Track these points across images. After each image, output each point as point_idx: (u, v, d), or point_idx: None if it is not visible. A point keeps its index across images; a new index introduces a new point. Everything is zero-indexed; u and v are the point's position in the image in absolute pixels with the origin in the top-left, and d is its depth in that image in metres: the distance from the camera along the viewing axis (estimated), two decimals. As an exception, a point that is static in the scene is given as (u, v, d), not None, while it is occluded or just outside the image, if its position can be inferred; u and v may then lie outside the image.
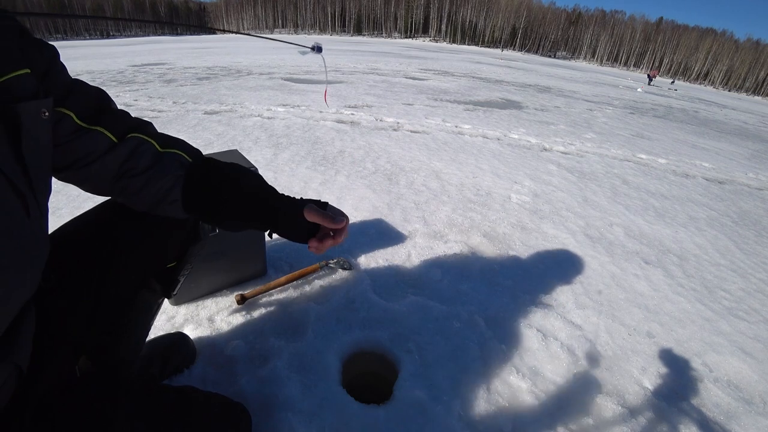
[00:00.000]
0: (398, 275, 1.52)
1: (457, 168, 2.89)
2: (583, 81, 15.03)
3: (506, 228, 2.02)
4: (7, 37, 0.49)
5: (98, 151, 0.60)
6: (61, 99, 0.56)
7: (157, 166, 0.63)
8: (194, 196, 0.65)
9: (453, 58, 19.26)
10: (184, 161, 0.66)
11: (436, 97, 6.18)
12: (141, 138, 0.63)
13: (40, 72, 0.53)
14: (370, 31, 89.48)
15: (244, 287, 1.34)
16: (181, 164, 0.65)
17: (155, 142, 0.64)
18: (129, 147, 0.61)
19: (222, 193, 0.66)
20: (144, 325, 0.83)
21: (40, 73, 0.53)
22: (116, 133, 0.61)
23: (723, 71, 76.11)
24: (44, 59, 0.54)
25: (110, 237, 0.69)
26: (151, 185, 0.63)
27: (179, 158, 0.65)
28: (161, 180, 0.63)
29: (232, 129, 3.45)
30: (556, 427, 0.97)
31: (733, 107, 15.18)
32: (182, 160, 0.66)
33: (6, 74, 0.46)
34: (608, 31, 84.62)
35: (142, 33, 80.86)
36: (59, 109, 0.56)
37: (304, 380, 1.00)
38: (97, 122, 0.59)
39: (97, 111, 0.60)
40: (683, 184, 3.26)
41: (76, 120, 0.57)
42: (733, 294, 1.71)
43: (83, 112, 0.58)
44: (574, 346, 1.25)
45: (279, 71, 8.04)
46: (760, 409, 1.13)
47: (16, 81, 0.47)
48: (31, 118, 0.47)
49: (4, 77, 0.46)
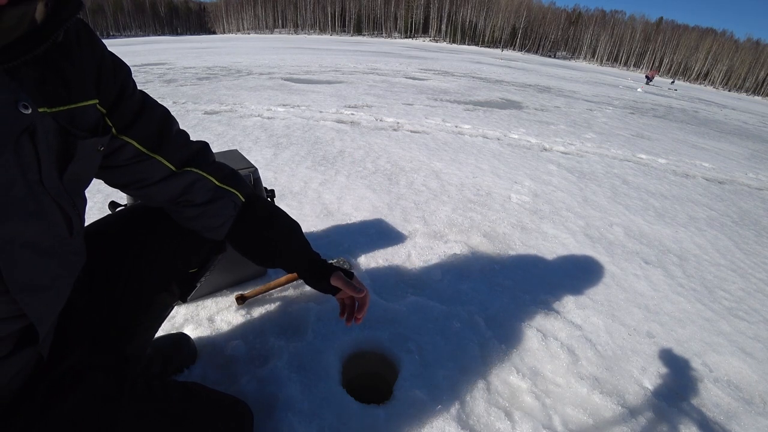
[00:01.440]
0: (398, 275, 1.52)
1: (457, 168, 2.89)
2: (583, 81, 15.03)
3: (506, 228, 2.02)
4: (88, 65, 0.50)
5: (155, 178, 0.63)
6: (127, 126, 0.58)
7: (213, 204, 0.68)
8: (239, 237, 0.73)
9: (453, 58, 19.26)
10: (237, 202, 0.71)
11: (436, 97, 6.18)
12: (199, 174, 0.67)
13: (111, 99, 0.55)
14: (370, 31, 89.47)
15: (244, 287, 1.34)
16: (235, 205, 0.71)
17: (213, 179, 0.68)
18: (186, 181, 0.65)
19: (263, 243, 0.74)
20: (155, 326, 0.85)
21: (111, 99, 0.55)
22: (175, 162, 0.64)
23: (723, 71, 76.09)
24: (117, 83, 0.56)
25: (139, 240, 0.71)
26: (204, 218, 0.69)
27: (234, 199, 0.71)
28: (215, 217, 0.69)
29: (232, 129, 3.45)
30: (556, 427, 0.97)
31: (733, 107, 15.19)
32: (236, 200, 0.71)
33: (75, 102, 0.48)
34: (608, 31, 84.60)
35: (142, 33, 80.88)
36: (123, 137, 0.58)
37: (304, 380, 1.00)
38: (157, 150, 0.62)
39: (159, 138, 0.62)
40: (683, 184, 3.26)
41: (137, 147, 0.59)
42: (733, 294, 1.71)
43: (146, 139, 0.60)
44: (574, 346, 1.25)
45: (279, 71, 8.04)
46: (760, 409, 1.13)
47: (83, 111, 0.49)
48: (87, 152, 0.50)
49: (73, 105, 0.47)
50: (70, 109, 0.47)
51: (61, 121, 0.46)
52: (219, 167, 0.71)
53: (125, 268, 0.69)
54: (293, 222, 0.79)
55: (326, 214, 1.96)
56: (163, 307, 0.81)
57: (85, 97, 0.49)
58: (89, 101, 0.49)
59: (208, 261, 0.84)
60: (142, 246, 0.71)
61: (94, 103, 0.50)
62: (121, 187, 0.64)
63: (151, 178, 0.62)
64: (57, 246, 0.47)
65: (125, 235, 0.72)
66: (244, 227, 0.72)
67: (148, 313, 0.77)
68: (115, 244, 0.70)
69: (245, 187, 0.74)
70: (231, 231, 0.72)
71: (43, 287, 0.47)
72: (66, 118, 0.46)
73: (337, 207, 2.05)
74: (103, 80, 0.52)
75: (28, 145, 0.41)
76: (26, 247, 0.43)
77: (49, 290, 0.48)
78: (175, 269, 0.77)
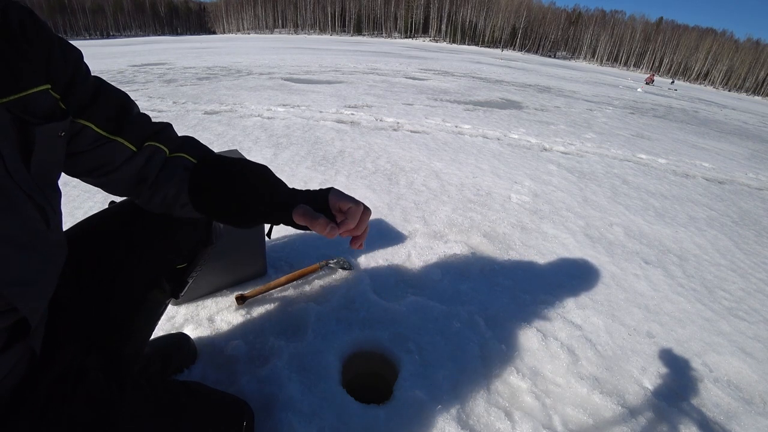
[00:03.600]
0: (398, 275, 1.52)
1: (457, 168, 2.89)
2: (583, 81, 15.03)
3: (506, 228, 2.02)
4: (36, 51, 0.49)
5: (118, 161, 0.60)
6: (83, 109, 0.56)
7: (164, 172, 0.64)
8: (200, 197, 0.65)
9: (453, 58, 19.26)
10: (188, 164, 0.65)
11: (436, 97, 6.18)
12: (155, 146, 0.63)
13: (63, 83, 0.53)
14: (370, 31, 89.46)
15: (244, 287, 1.34)
16: (185, 168, 0.65)
17: (166, 148, 0.65)
18: (145, 155, 0.62)
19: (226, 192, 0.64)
20: (151, 325, 0.84)
21: (63, 84, 0.53)
22: (135, 142, 0.61)
23: (723, 71, 76.11)
24: (69, 68, 0.54)
25: (125, 234, 0.70)
26: (160, 191, 0.64)
27: (183, 162, 0.65)
28: (167, 186, 0.64)
29: (232, 129, 3.46)
30: (556, 427, 0.97)
31: (733, 107, 15.19)
32: (186, 163, 0.65)
33: (25, 90, 0.46)
34: (608, 31, 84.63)
35: (142, 33, 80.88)
36: (80, 120, 0.56)
37: (304, 380, 1.00)
38: (118, 132, 0.60)
39: (118, 120, 0.60)
40: (683, 184, 3.26)
41: (96, 130, 0.58)
42: (733, 294, 1.71)
43: (104, 122, 0.58)
44: (574, 346, 1.25)
45: (279, 71, 8.04)
46: (760, 409, 1.13)
47: (35, 98, 0.48)
48: (46, 139, 0.48)
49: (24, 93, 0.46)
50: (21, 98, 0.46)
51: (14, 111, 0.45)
52: (176, 140, 0.67)
53: (113, 263, 0.68)
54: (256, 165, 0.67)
55: (326, 214, 1.96)
56: (155, 305, 0.81)
57: (36, 84, 0.48)
58: (40, 87, 0.48)
59: (196, 255, 0.82)
60: (129, 240, 0.70)
61: (46, 88, 0.49)
62: (84, 174, 0.62)
63: (113, 162, 0.60)
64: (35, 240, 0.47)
65: (112, 230, 0.71)
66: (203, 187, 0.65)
67: (141, 311, 0.76)
68: (102, 240, 0.69)
69: (199, 149, 0.68)
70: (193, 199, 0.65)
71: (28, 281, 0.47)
72: (18, 106, 0.45)
73: (337, 207, 2.05)
74: (53, 65, 0.51)
75: None
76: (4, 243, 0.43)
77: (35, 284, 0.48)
78: (164, 263, 0.76)
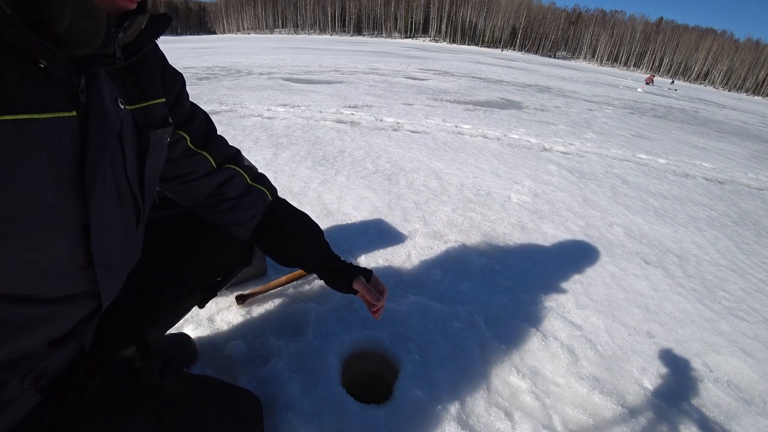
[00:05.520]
0: (398, 275, 1.52)
1: (457, 168, 2.89)
2: (583, 81, 15.04)
3: (506, 228, 2.02)
4: (155, 68, 0.58)
5: (200, 173, 0.70)
6: (182, 123, 0.66)
7: (246, 198, 0.75)
8: (264, 233, 0.78)
9: (453, 58, 19.27)
10: (267, 199, 0.78)
11: (436, 97, 6.18)
12: (235, 170, 0.75)
13: (171, 100, 0.62)
14: (370, 31, 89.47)
15: (244, 287, 1.34)
16: (264, 201, 0.78)
17: (246, 176, 0.77)
18: (225, 176, 0.73)
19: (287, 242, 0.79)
20: (169, 328, 0.87)
21: (172, 101, 0.62)
22: (217, 160, 0.72)
23: (723, 71, 76.12)
24: (176, 89, 0.64)
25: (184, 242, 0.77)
26: (236, 211, 0.75)
27: (264, 196, 0.78)
28: (246, 210, 0.75)
29: (232, 129, 3.45)
30: (556, 427, 0.97)
31: (733, 107, 15.19)
32: (266, 197, 0.78)
33: (149, 101, 0.55)
34: (608, 31, 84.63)
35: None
36: (178, 131, 0.65)
37: (304, 380, 1.00)
38: (204, 147, 0.70)
39: (206, 137, 0.71)
40: (683, 184, 3.26)
41: (189, 143, 0.67)
42: (733, 294, 1.71)
43: (195, 137, 0.68)
44: (574, 346, 1.25)
45: (279, 71, 8.04)
46: (760, 409, 1.13)
47: (154, 108, 0.56)
48: (157, 142, 0.56)
49: (148, 103, 0.55)
50: (144, 107, 0.54)
51: (137, 118, 0.53)
52: (251, 168, 0.79)
53: (166, 268, 0.74)
54: (315, 225, 0.84)
55: (326, 214, 1.96)
56: (183, 310, 0.84)
57: (156, 96, 0.56)
58: (159, 99, 0.57)
59: (233, 272, 0.89)
60: (183, 249, 0.76)
61: (162, 101, 0.58)
62: (170, 180, 0.68)
63: (196, 173, 0.69)
64: (127, 234, 0.53)
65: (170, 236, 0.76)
66: (270, 224, 0.78)
67: (171, 314, 0.80)
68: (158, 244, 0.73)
69: (273, 188, 0.82)
70: (257, 227, 0.76)
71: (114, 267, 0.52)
72: (141, 114, 0.53)
73: (337, 207, 2.05)
74: (167, 81, 0.60)
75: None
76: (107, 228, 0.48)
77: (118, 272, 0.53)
78: (206, 275, 0.82)
